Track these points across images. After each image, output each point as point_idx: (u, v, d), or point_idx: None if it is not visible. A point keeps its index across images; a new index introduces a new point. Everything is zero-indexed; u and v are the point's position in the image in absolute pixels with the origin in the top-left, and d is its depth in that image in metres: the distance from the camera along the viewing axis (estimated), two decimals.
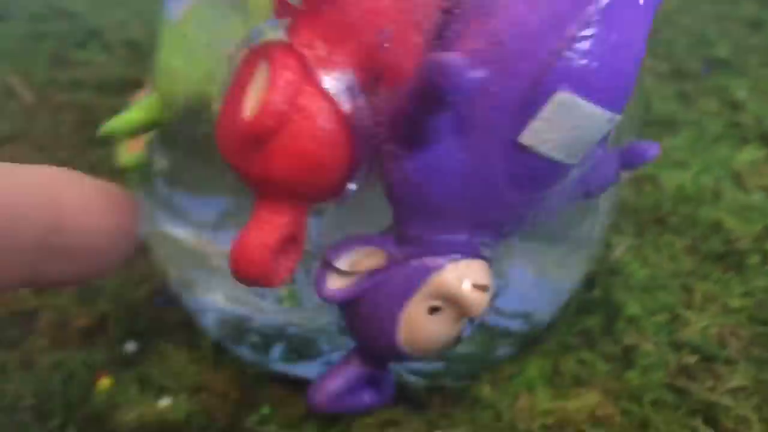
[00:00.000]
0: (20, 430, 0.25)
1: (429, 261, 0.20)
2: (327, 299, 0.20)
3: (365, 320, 0.21)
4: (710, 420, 0.26)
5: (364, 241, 0.20)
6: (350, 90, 0.18)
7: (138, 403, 0.26)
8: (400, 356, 0.21)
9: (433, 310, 0.20)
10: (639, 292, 0.31)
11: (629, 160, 0.21)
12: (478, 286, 0.20)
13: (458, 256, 0.20)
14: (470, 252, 0.20)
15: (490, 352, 0.27)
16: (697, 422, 0.26)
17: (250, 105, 0.18)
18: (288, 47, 0.18)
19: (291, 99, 0.18)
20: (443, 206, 0.19)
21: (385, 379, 0.23)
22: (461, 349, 0.22)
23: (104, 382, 0.26)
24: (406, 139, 0.19)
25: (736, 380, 0.27)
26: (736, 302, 0.31)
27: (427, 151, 0.19)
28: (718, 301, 0.31)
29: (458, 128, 0.18)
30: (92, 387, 0.26)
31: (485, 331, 0.26)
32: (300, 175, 0.19)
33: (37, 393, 0.26)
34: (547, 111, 0.18)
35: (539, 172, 0.19)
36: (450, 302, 0.20)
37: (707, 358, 0.28)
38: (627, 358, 0.28)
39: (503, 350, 0.27)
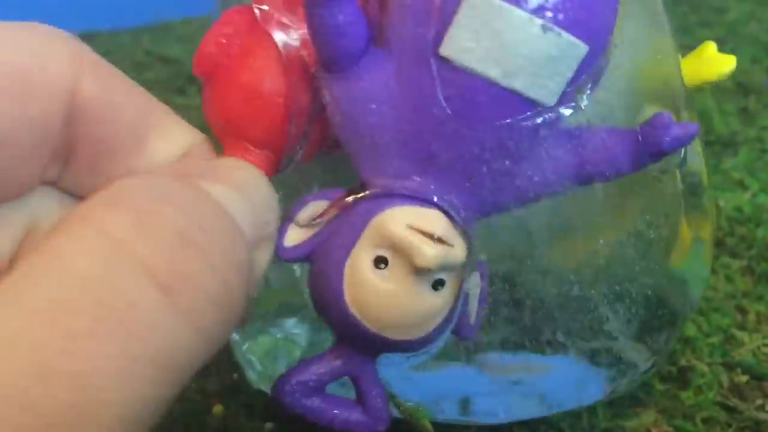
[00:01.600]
0: None
1: (374, 205, 0.18)
2: (281, 256, 0.19)
3: (316, 280, 0.19)
4: None
5: (324, 194, 0.19)
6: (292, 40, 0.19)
7: (247, 428, 0.30)
8: (356, 328, 0.18)
9: (380, 262, 0.18)
10: (695, 314, 0.33)
11: (650, 141, 0.19)
12: (425, 233, 0.18)
13: (406, 201, 0.18)
14: (421, 198, 0.18)
15: None
16: None
17: None
18: (243, 7, 0.20)
19: (222, 45, 0.20)
20: (379, 139, 0.19)
21: (373, 397, 0.20)
22: None
23: (218, 409, 0.31)
24: (328, 58, 0.18)
25: None
26: None
27: (353, 75, 0.18)
28: None
29: (380, 46, 0.18)
30: (208, 413, 0.31)
31: None
32: (238, 112, 0.19)
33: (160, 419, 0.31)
34: (462, 14, 0.17)
35: (475, 94, 0.17)
36: (397, 252, 0.18)
37: (758, 377, 0.30)
38: (683, 378, 0.31)
39: None
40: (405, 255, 0.17)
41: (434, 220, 0.18)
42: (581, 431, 0.29)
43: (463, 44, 0.17)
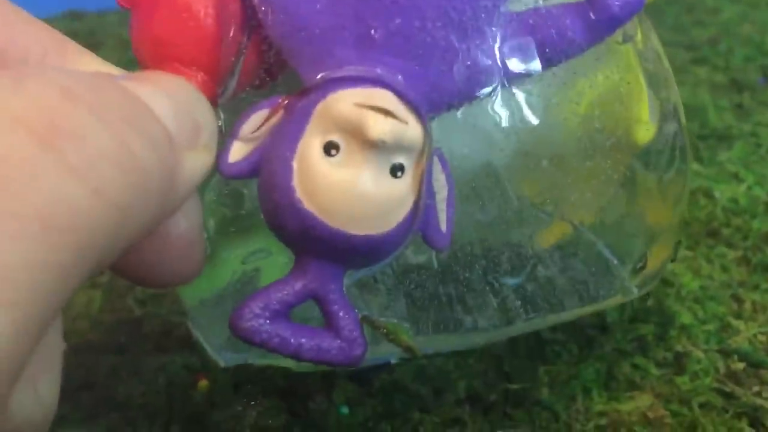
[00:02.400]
0: (130, 427, 0.29)
1: (317, 94, 0.17)
2: (225, 174, 0.18)
3: (264, 187, 0.18)
4: (756, 422, 0.28)
5: (266, 102, 0.18)
6: None
7: (233, 403, 0.29)
8: (314, 229, 0.17)
9: (330, 148, 0.17)
10: (691, 302, 0.33)
11: (600, 7, 0.19)
12: (376, 108, 0.16)
13: (352, 83, 0.17)
14: (368, 79, 0.17)
15: None
16: (743, 425, 0.28)
17: None
18: None
19: None
20: (316, 28, 0.18)
21: (343, 318, 0.18)
22: None
23: (203, 384, 0.30)
24: None
25: None
26: None
27: None
28: (767, 311, 0.32)
29: None
30: (192, 388, 0.30)
31: None
32: (166, 32, 0.18)
33: (145, 393, 0.30)
34: None
35: None
36: (346, 133, 0.17)
37: (754, 365, 0.30)
38: (678, 364, 0.30)
39: None
40: (356, 133, 0.16)
41: (385, 98, 0.17)
42: (576, 413, 0.28)
43: None
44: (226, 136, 0.18)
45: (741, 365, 0.30)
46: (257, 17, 0.19)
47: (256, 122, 0.18)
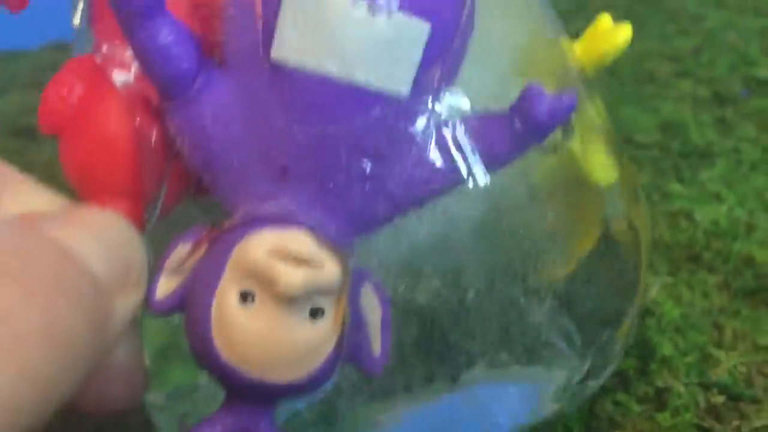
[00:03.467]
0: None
1: (235, 234, 0.17)
2: (155, 311, 0.17)
3: (188, 329, 0.17)
4: None
5: (192, 233, 0.18)
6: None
7: None
8: (234, 376, 0.17)
9: (246, 296, 0.16)
10: (672, 332, 0.33)
11: (525, 117, 0.18)
12: (288, 257, 0.16)
13: (267, 224, 0.17)
14: (282, 219, 0.17)
15: None
16: None
17: None
18: (83, 55, 0.20)
19: (63, 98, 0.19)
20: (231, 161, 0.18)
21: None
22: None
23: None
24: (160, 85, 0.18)
25: (761, 420, 0.29)
26: (764, 339, 0.32)
27: (191, 98, 0.17)
28: (747, 339, 0.33)
29: (218, 65, 0.17)
30: None
31: None
32: (90, 162, 0.19)
33: None
34: (283, 13, 0.16)
35: (317, 95, 0.17)
36: (260, 283, 0.16)
37: (734, 398, 0.30)
38: (659, 399, 0.30)
39: None
40: (269, 285, 0.16)
41: (298, 241, 0.16)
42: None
43: (292, 44, 0.16)
44: (153, 269, 0.18)
45: (721, 399, 0.30)
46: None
47: (180, 256, 0.17)
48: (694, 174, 0.43)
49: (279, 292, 0.16)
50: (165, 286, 0.17)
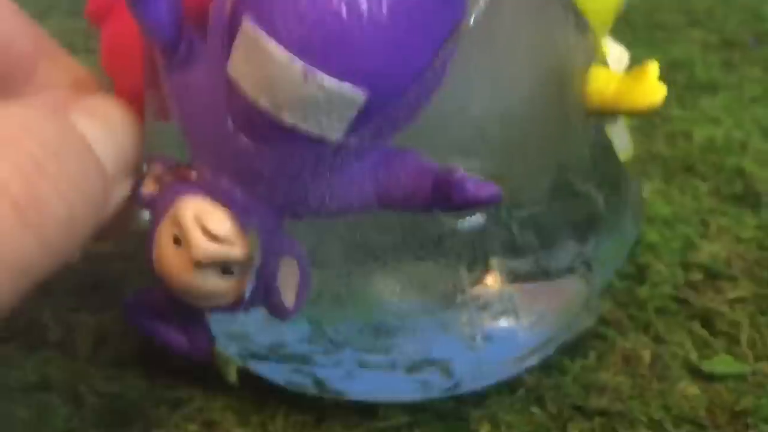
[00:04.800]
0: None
1: (180, 187, 0.20)
2: (137, 201, 0.21)
3: (148, 234, 0.21)
4: (706, 323, 0.30)
5: (167, 159, 0.21)
6: None
7: None
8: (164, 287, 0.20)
9: (177, 240, 0.19)
10: (660, 224, 0.35)
11: (441, 190, 0.18)
12: (206, 229, 0.19)
13: (202, 192, 0.19)
14: (218, 194, 0.19)
15: None
16: (695, 325, 0.30)
17: None
18: None
19: None
20: (192, 129, 0.20)
21: (198, 332, 0.22)
22: None
23: None
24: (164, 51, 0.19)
25: (735, 293, 0.31)
26: (747, 233, 0.34)
27: (175, 65, 0.19)
28: (731, 232, 0.34)
29: (198, 51, 0.18)
30: None
31: None
32: (118, 56, 0.21)
33: None
34: (238, 39, 0.17)
35: (253, 117, 0.17)
36: (183, 238, 0.19)
37: (712, 276, 0.32)
38: (640, 275, 0.32)
39: None
40: (186, 242, 0.19)
41: (219, 218, 0.19)
42: None
43: (240, 68, 0.17)
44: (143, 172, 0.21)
45: (699, 276, 0.32)
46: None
47: (155, 173, 0.21)
48: (696, 102, 0.45)
49: (191, 253, 0.19)
50: (149, 185, 0.21)
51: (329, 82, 0.16)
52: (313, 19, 0.16)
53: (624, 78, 0.24)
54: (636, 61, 0.48)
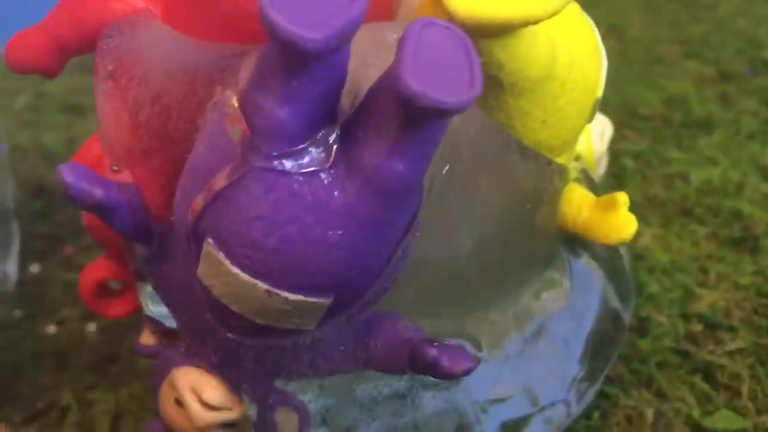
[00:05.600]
0: (149, 392, 0.32)
1: (179, 358, 0.22)
2: (135, 349, 0.24)
3: (153, 382, 0.23)
4: (707, 377, 0.30)
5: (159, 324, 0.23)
6: None
7: None
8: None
9: (179, 402, 0.21)
10: (659, 273, 0.36)
11: (418, 362, 0.20)
12: (202, 401, 0.21)
13: (198, 365, 0.21)
14: (210, 368, 0.21)
15: None
16: (696, 379, 0.30)
17: None
18: None
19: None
20: (177, 315, 0.22)
21: None
22: None
23: None
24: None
25: (735, 344, 0.32)
26: (746, 279, 0.35)
27: (158, 260, 0.21)
28: (729, 280, 0.35)
29: (170, 246, 0.20)
30: None
31: None
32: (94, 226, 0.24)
33: None
34: (204, 256, 0.17)
35: (229, 316, 0.18)
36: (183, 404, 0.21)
37: (712, 327, 0.33)
38: (642, 328, 0.33)
39: None
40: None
41: (213, 388, 0.21)
42: None
43: (208, 279, 0.18)
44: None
45: (699, 327, 0.33)
46: None
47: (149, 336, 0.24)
48: (693, 142, 0.45)
49: (193, 422, 0.21)
50: (148, 339, 0.24)
51: (293, 297, 0.17)
52: (269, 246, 0.16)
53: (595, 207, 0.25)
54: (634, 101, 0.49)
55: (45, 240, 0.42)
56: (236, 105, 0.16)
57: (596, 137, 0.26)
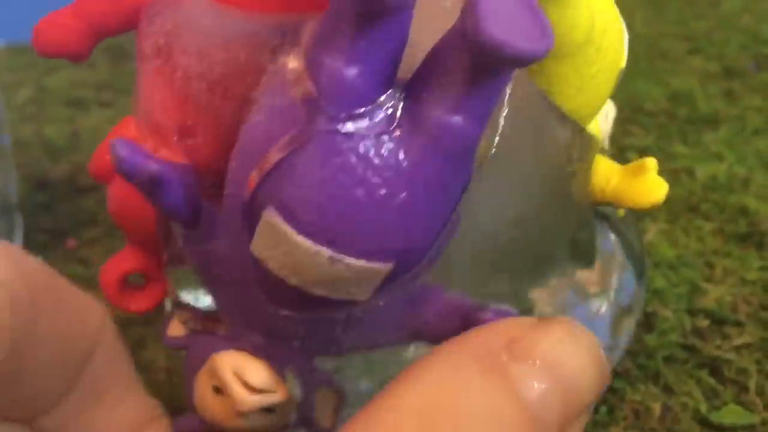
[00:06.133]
0: (155, 386, 0.32)
1: (216, 342, 0.21)
2: (164, 342, 0.23)
3: (185, 375, 0.22)
4: (714, 372, 0.30)
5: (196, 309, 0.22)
6: None
7: None
8: (203, 425, 0.22)
9: (217, 390, 0.20)
10: (665, 268, 0.36)
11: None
12: (246, 384, 0.20)
13: (242, 347, 0.20)
14: (254, 350, 0.20)
15: None
16: (703, 374, 0.30)
17: None
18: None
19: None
20: (220, 296, 0.21)
21: None
22: None
23: None
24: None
25: (742, 339, 0.31)
26: (752, 275, 0.35)
27: (204, 233, 0.20)
28: (736, 275, 0.35)
29: (217, 224, 0.19)
30: None
31: None
32: (122, 214, 0.24)
33: (168, 357, 0.33)
34: (260, 226, 0.17)
35: (281, 290, 0.18)
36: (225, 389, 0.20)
37: (719, 322, 0.33)
38: (648, 323, 0.33)
39: None
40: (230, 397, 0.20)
41: (257, 371, 0.20)
42: None
43: (265, 252, 0.17)
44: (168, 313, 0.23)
45: (706, 322, 0.33)
46: None
47: (185, 317, 0.22)
48: (698, 137, 0.45)
49: (236, 407, 0.20)
50: (176, 330, 0.22)
51: (355, 262, 0.17)
52: (335, 210, 0.16)
53: (624, 174, 0.25)
54: (640, 95, 0.49)
55: (48, 233, 0.42)
56: (299, 69, 0.16)
57: (602, 117, 0.26)
